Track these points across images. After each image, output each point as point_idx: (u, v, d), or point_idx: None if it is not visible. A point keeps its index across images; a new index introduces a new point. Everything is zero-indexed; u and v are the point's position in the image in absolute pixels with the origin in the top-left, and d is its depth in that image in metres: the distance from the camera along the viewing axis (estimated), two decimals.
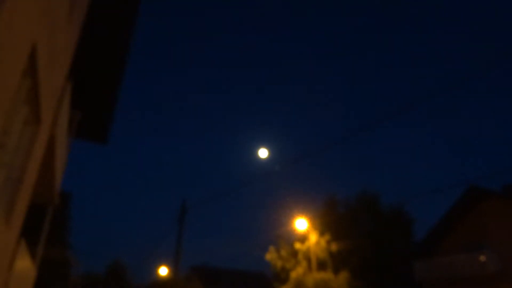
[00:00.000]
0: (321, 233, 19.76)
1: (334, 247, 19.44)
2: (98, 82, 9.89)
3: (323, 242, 19.07)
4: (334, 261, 19.66)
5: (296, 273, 18.85)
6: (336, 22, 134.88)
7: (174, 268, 16.87)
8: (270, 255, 20.64)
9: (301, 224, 19.11)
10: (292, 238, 21.64)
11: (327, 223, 21.14)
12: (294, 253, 20.26)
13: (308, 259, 19.26)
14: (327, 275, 18.15)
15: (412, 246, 21.20)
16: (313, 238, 19.02)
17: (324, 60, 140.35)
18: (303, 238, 20.39)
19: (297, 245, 19.87)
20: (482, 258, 16.56)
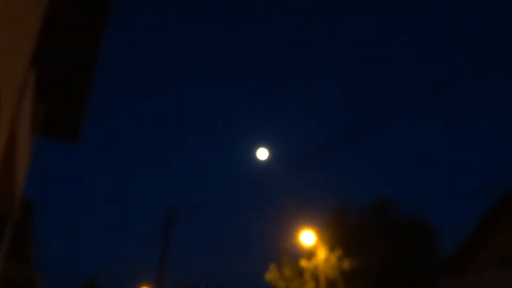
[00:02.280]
0: (331, 248, 19.76)
1: (346, 264, 19.47)
2: (68, 70, 9.86)
3: (333, 258, 19.11)
4: (346, 281, 19.65)
5: None
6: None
7: None
8: (271, 275, 20.76)
9: (307, 237, 19.03)
10: (297, 254, 21.67)
11: (338, 236, 21.17)
12: (299, 272, 20.33)
13: (316, 279, 19.21)
14: None
15: (438, 261, 21.24)
16: (322, 254, 19.00)
17: (335, 51, 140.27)
18: (309, 254, 20.36)
19: (303, 263, 19.90)
20: None
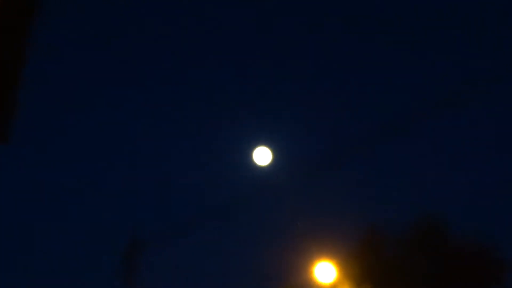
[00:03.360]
0: (358, 286, 20.02)
1: None
2: None
3: None
4: None
5: None
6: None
7: None
8: None
9: (325, 271, 19.21)
10: None
11: (368, 270, 21.11)
12: None
13: None
14: None
15: None
16: None
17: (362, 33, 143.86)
18: None
19: None
20: None
